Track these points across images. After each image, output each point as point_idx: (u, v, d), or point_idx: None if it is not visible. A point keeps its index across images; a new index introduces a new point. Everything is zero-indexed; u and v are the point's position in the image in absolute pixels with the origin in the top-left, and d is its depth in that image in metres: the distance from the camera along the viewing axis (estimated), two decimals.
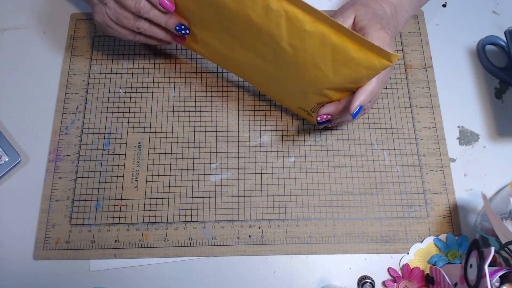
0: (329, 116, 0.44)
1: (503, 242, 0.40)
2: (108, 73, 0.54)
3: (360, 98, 0.40)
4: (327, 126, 0.48)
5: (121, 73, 0.54)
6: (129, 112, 0.52)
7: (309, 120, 0.52)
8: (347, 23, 0.43)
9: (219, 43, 0.46)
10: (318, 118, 0.44)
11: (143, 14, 0.43)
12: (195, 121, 0.52)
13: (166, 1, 0.44)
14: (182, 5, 0.44)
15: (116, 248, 0.47)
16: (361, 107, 0.40)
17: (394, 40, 0.52)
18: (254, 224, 0.48)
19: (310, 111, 0.47)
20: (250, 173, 0.50)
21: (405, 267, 0.46)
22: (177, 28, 0.46)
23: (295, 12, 0.37)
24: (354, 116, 0.40)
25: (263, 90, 0.51)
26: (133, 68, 0.54)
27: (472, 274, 0.37)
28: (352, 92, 0.41)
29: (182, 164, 0.50)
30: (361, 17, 0.42)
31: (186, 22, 0.46)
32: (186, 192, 0.49)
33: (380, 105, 0.53)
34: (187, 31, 0.46)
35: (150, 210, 0.48)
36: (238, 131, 0.52)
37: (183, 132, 0.52)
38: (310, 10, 0.36)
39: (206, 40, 0.47)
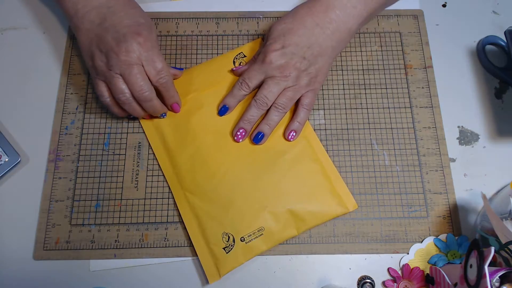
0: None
1: (503, 242, 0.40)
2: None
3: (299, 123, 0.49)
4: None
5: None
6: None
7: (206, 267, 0.45)
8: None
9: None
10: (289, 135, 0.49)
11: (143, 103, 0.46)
12: None
13: (178, 106, 0.49)
14: None
15: (116, 248, 0.47)
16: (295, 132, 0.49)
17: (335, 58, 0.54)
18: None
19: (240, 238, 0.45)
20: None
21: (405, 267, 0.46)
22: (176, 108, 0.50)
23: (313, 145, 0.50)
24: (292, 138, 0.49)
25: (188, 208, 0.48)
26: None
27: (472, 274, 0.37)
28: (296, 230, 0.46)
29: None
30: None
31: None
32: None
33: (380, 105, 0.53)
34: (164, 115, 0.50)
35: (150, 210, 0.48)
36: None
37: None
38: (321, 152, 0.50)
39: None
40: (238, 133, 0.48)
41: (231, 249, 0.45)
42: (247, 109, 0.48)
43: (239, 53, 0.53)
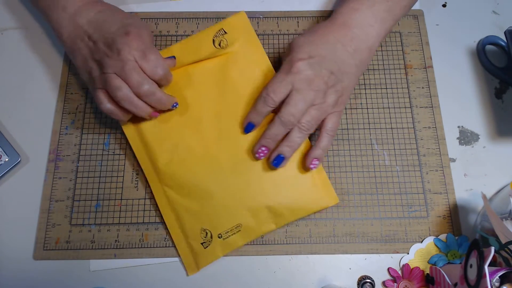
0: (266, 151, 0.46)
1: (503, 242, 0.40)
2: None
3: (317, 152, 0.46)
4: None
5: None
6: None
7: (185, 261, 0.46)
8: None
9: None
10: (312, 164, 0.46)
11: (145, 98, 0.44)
12: None
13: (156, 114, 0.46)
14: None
15: (116, 248, 0.47)
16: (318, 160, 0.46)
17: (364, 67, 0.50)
18: None
19: (217, 235, 0.45)
20: None
21: (405, 267, 0.46)
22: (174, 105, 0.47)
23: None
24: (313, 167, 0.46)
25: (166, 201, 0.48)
26: None
27: (472, 274, 0.37)
28: (275, 225, 0.46)
29: None
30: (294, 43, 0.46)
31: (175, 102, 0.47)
32: None
33: (380, 105, 0.53)
34: (176, 106, 0.47)
35: (150, 210, 0.48)
36: None
37: None
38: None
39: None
40: (260, 151, 0.45)
41: (209, 244, 0.45)
42: (271, 126, 0.44)
43: (220, 30, 0.50)
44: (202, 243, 0.45)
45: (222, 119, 0.48)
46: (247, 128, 0.47)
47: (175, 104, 0.46)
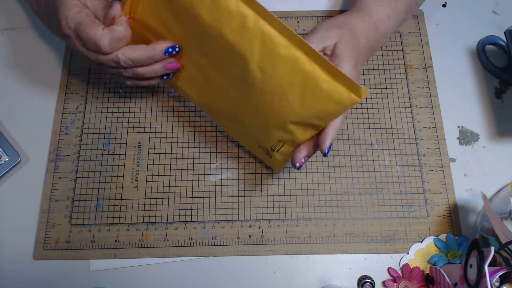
0: (307, 158, 0.41)
1: (503, 242, 0.40)
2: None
3: (332, 135, 0.39)
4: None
5: None
6: (129, 112, 0.52)
7: (268, 165, 0.49)
8: (326, 43, 0.41)
9: (193, 66, 0.44)
10: (297, 165, 0.41)
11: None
12: (195, 121, 0.52)
13: (174, 64, 0.43)
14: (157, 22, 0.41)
15: (116, 248, 0.47)
16: (331, 145, 0.39)
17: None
18: (254, 224, 0.48)
19: (270, 149, 0.43)
20: (250, 173, 0.50)
21: (405, 267, 0.46)
22: (167, 51, 0.42)
23: (271, 34, 0.35)
24: (327, 154, 0.39)
25: (227, 129, 0.49)
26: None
27: (472, 274, 0.37)
28: (316, 130, 0.39)
29: (182, 164, 0.50)
30: (342, 46, 0.41)
31: (170, 42, 0.42)
32: (186, 192, 0.49)
33: (380, 105, 0.53)
34: (177, 49, 0.42)
35: (150, 210, 0.48)
36: None
37: (183, 132, 0.52)
38: (287, 33, 0.35)
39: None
40: (302, 161, 0.41)
41: (271, 156, 0.45)
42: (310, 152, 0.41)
43: None
44: (266, 154, 0.46)
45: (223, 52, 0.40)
46: (301, 166, 0.41)
47: (170, 50, 0.41)
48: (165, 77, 0.45)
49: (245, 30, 0.36)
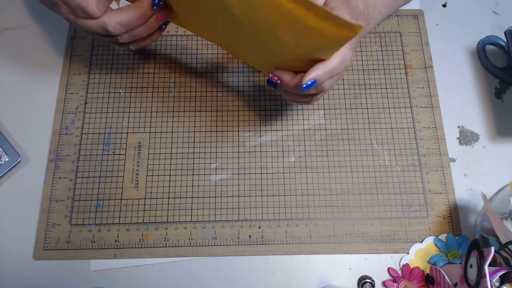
0: (278, 81, 0.40)
1: (503, 242, 0.40)
2: (108, 73, 0.54)
3: (317, 72, 0.36)
4: (279, 94, 0.45)
5: (121, 73, 0.54)
6: (129, 112, 0.52)
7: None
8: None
9: (188, 11, 0.42)
10: (270, 75, 0.40)
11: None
12: (195, 121, 0.52)
13: (165, 12, 0.41)
14: None
15: (116, 248, 0.47)
16: (314, 82, 0.37)
17: (356, 45, 0.48)
18: (254, 224, 0.48)
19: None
20: (250, 173, 0.50)
21: (405, 267, 0.46)
22: (154, 4, 0.40)
23: None
24: (304, 89, 0.37)
25: (234, 54, 0.48)
26: (133, 69, 0.54)
27: (472, 274, 0.37)
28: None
29: (182, 164, 0.50)
30: None
31: None
32: (186, 192, 0.49)
33: (380, 105, 0.53)
34: None
35: (150, 210, 0.48)
36: (238, 131, 0.52)
37: (183, 132, 0.52)
38: None
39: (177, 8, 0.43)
40: (274, 79, 0.41)
41: None
42: (296, 96, 0.42)
43: None
44: None
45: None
46: (269, 81, 0.41)
47: (156, 1, 0.40)
48: (163, 26, 0.44)
49: None
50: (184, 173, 0.50)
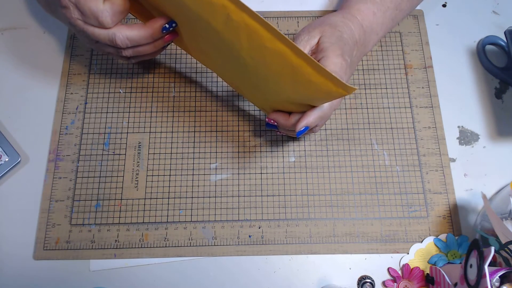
0: (275, 123, 0.44)
1: (503, 242, 0.40)
2: (108, 73, 0.54)
3: (308, 119, 0.40)
4: (276, 133, 0.48)
5: (121, 73, 0.54)
6: (129, 112, 0.52)
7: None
8: (312, 42, 0.42)
9: (194, 40, 0.44)
10: (267, 120, 0.44)
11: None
12: (195, 121, 0.52)
13: (171, 34, 0.43)
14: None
15: (116, 248, 0.47)
16: (306, 128, 0.41)
17: (356, 66, 0.50)
18: (254, 224, 0.48)
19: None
20: (250, 173, 0.50)
21: (405, 267, 0.46)
22: (164, 29, 0.42)
23: (256, 27, 0.35)
24: (298, 134, 0.41)
25: (235, 88, 0.50)
26: (133, 69, 0.54)
27: (472, 274, 0.37)
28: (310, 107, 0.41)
29: (182, 164, 0.50)
30: (325, 39, 0.42)
31: (165, 19, 0.42)
32: (186, 192, 0.49)
33: (380, 105, 0.53)
34: (174, 24, 0.42)
35: (150, 210, 0.48)
36: (238, 131, 0.52)
37: (183, 132, 0.52)
38: (270, 29, 0.35)
39: (186, 39, 0.45)
40: (271, 123, 0.44)
41: None
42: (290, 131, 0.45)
43: None
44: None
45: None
46: (268, 125, 0.45)
47: (167, 26, 0.42)
48: (165, 46, 0.46)
49: (230, 21, 0.36)
50: (184, 173, 0.50)
